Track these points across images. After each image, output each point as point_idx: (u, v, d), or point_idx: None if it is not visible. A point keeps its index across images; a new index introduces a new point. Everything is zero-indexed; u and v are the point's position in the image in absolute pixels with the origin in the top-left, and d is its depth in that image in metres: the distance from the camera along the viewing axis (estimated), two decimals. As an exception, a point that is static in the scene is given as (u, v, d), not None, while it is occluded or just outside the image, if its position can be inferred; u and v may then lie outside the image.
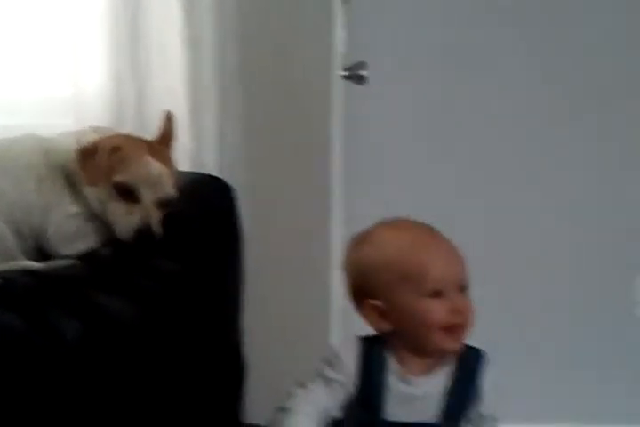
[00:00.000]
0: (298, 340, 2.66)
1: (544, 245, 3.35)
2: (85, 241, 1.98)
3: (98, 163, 1.96)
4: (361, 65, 2.78)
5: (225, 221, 2.17)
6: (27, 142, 2.05)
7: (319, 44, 2.71)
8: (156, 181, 1.98)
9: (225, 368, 2.06)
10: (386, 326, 1.73)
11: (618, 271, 3.35)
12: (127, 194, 1.96)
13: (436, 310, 1.69)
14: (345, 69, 2.76)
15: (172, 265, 1.96)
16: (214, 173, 2.39)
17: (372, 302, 1.72)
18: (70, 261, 1.94)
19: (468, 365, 1.75)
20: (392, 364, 1.74)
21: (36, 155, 2.02)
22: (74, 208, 1.99)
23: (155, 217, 1.96)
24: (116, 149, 1.98)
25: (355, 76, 2.78)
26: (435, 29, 3.17)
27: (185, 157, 2.41)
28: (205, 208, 2.12)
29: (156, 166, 1.99)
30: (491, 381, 1.77)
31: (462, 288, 1.72)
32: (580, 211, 3.36)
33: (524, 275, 3.35)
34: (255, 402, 2.30)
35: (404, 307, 1.70)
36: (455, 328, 1.70)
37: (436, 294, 1.69)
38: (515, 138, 3.35)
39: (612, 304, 3.36)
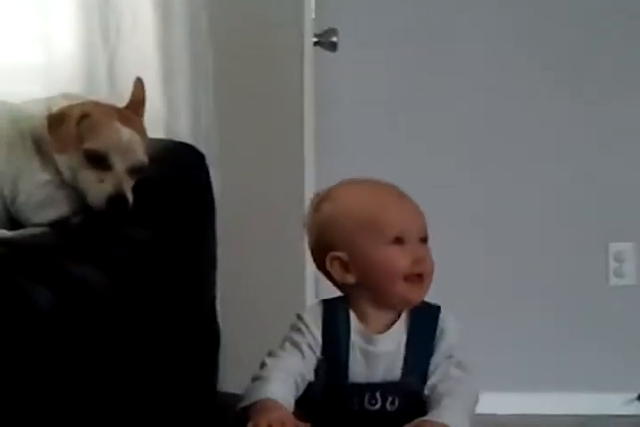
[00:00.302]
0: (273, 308, 2.65)
1: (519, 218, 3.38)
2: (56, 209, 1.95)
3: (67, 130, 1.93)
4: (332, 31, 2.77)
5: (197, 189, 2.15)
6: (-5, 109, 2.02)
7: (291, 10, 2.69)
8: (127, 147, 1.95)
9: (199, 336, 2.05)
10: (350, 279, 1.73)
11: (592, 242, 3.38)
12: (98, 161, 1.93)
13: (398, 258, 1.70)
14: (316, 36, 2.75)
15: (143, 233, 1.94)
16: (188, 141, 2.36)
17: (335, 253, 1.73)
18: (41, 230, 1.92)
19: (424, 321, 1.75)
20: (355, 323, 1.74)
21: (4, 122, 1.98)
22: (44, 176, 1.96)
23: (127, 184, 1.93)
24: (85, 116, 1.95)
25: (326, 42, 2.77)
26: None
27: (158, 125, 2.39)
28: (177, 175, 2.10)
29: (126, 133, 1.96)
30: (464, 339, 1.77)
31: (423, 240, 1.73)
32: (554, 183, 3.38)
33: (501, 246, 3.37)
34: (232, 372, 2.30)
35: (366, 255, 1.71)
36: (417, 278, 1.71)
37: (398, 240, 1.70)
38: (488, 106, 3.36)
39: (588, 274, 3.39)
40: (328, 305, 1.77)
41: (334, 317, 1.75)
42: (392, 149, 3.31)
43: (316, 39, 2.75)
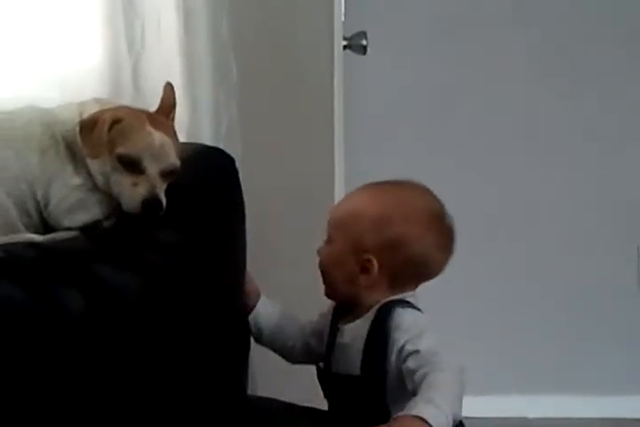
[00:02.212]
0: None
1: (548, 221, 3.37)
2: (88, 213, 1.96)
3: (99, 135, 1.94)
4: (362, 34, 2.76)
5: (227, 192, 2.15)
6: (28, 114, 2.02)
7: (320, 13, 2.68)
8: (160, 151, 1.95)
9: (229, 339, 2.06)
10: None
11: (622, 245, 3.37)
12: (131, 166, 1.94)
13: None
14: (345, 39, 2.74)
15: (174, 236, 1.95)
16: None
17: None
18: (73, 234, 1.93)
19: (382, 318, 1.81)
20: (342, 316, 1.91)
21: (38, 126, 1.99)
22: (76, 180, 1.96)
23: (160, 188, 1.94)
24: (117, 121, 1.95)
25: (356, 45, 2.76)
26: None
27: (181, 130, 2.39)
28: (207, 179, 2.11)
29: (158, 137, 1.96)
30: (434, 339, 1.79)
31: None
32: (581, 185, 3.37)
33: (530, 249, 3.37)
34: (262, 375, 2.30)
35: None
36: None
37: None
38: (516, 108, 3.36)
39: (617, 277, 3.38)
40: None
41: (335, 310, 1.94)
42: (421, 150, 3.32)
43: (345, 42, 2.74)
